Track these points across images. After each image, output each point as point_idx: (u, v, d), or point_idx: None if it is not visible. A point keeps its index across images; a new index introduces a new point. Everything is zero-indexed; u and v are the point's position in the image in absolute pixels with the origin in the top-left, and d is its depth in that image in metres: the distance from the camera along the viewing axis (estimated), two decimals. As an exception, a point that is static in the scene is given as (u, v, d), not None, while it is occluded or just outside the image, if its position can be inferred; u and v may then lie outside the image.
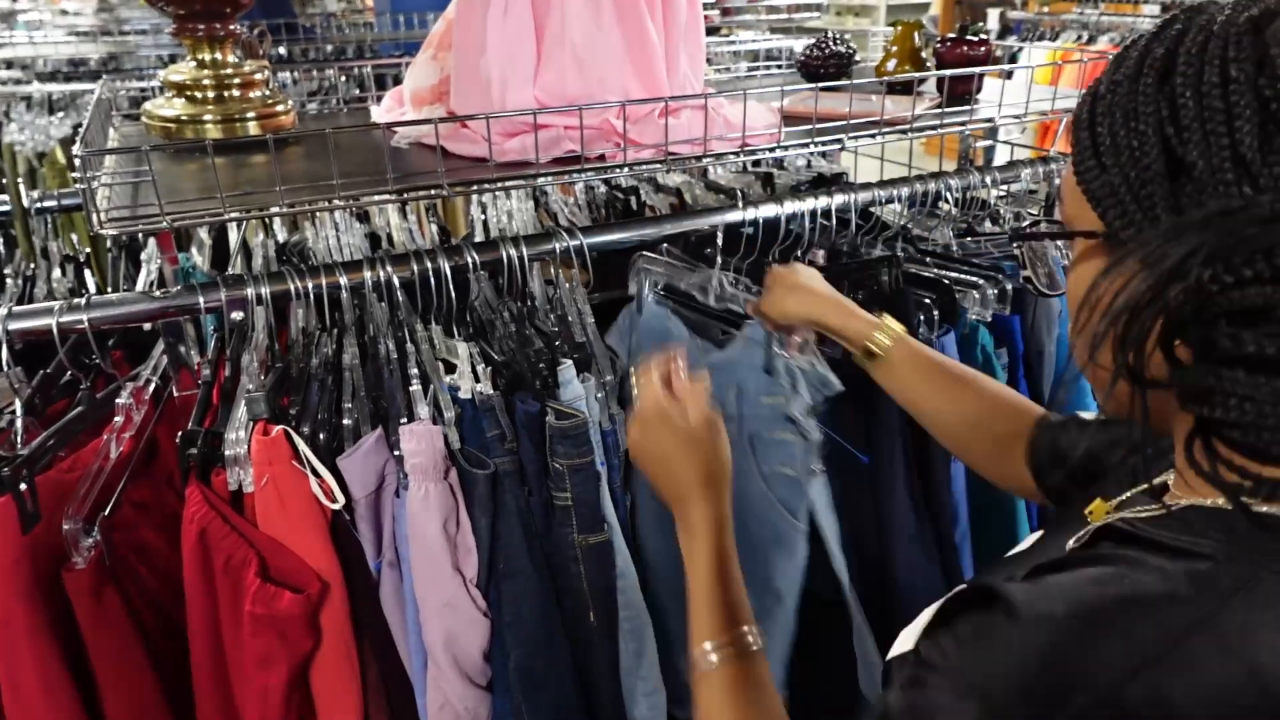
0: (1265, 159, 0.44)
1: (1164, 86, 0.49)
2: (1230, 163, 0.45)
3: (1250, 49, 0.46)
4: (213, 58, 1.19)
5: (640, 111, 1.15)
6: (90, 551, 0.87)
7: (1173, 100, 0.48)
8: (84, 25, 3.28)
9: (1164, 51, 0.49)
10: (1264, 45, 0.45)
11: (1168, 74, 0.49)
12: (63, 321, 0.91)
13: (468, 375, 1.00)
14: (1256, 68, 0.45)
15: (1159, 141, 0.48)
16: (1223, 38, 0.47)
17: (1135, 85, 0.50)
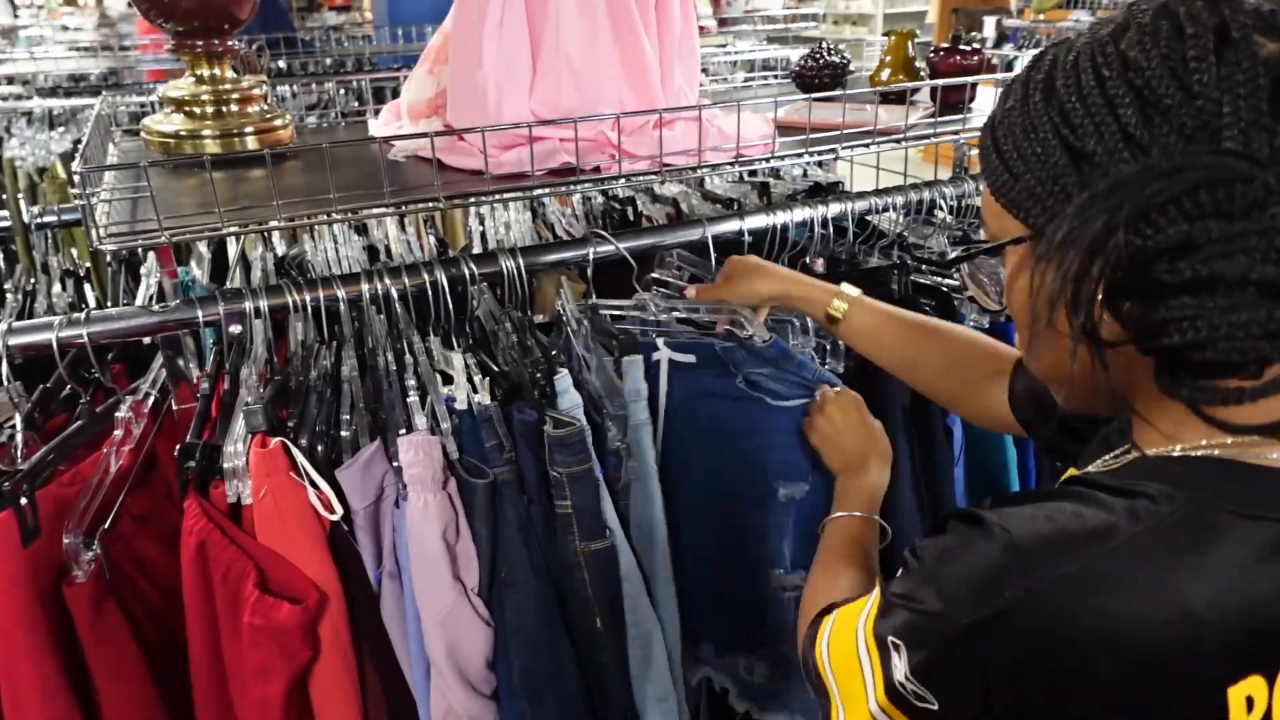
0: (1150, 133, 0.52)
1: (1050, 99, 0.57)
2: (1122, 142, 0.52)
3: (1114, 54, 0.54)
4: (211, 73, 1.20)
5: (635, 123, 1.16)
6: (90, 565, 0.87)
7: (1061, 107, 0.56)
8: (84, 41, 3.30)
9: (1043, 75, 0.58)
10: (1123, 50, 0.54)
11: (1050, 88, 0.57)
12: (62, 336, 0.92)
13: (464, 386, 1.01)
14: (1123, 65, 0.53)
15: (1059, 142, 0.55)
16: (1088, 52, 0.55)
17: (1025, 105, 0.58)
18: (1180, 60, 0.51)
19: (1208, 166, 0.49)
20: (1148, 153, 0.51)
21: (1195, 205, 0.49)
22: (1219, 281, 0.49)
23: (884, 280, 1.26)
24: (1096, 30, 0.57)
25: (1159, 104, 0.51)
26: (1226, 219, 0.48)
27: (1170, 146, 0.51)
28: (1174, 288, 0.50)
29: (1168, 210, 0.49)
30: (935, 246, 1.42)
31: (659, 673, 1.09)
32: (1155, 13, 0.54)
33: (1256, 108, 0.49)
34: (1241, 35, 0.50)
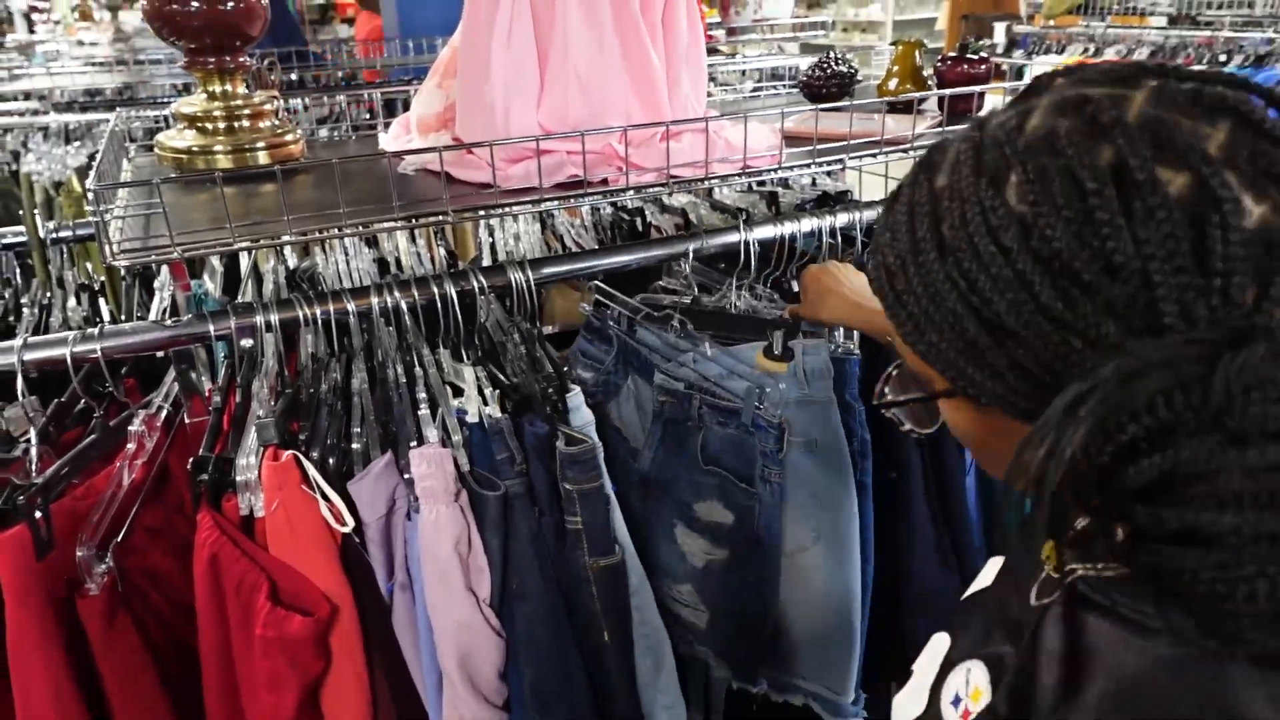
0: (1075, 313, 0.45)
1: (946, 258, 0.49)
2: (1047, 323, 0.46)
3: (1007, 215, 0.46)
4: (223, 89, 1.21)
5: (642, 135, 1.16)
6: (103, 577, 0.88)
7: (963, 273, 0.48)
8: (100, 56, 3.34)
9: (927, 225, 0.50)
10: (1014, 206, 0.46)
11: (943, 246, 0.49)
12: (76, 351, 0.93)
13: (475, 398, 1.02)
14: (1023, 231, 0.46)
15: (970, 313, 0.48)
16: (976, 205, 0.47)
17: (917, 259, 0.51)
18: (1087, 225, 0.44)
19: (1160, 366, 0.41)
20: (1078, 332, 0.45)
21: (1158, 423, 0.40)
22: (1211, 537, 0.40)
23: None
24: (968, 159, 0.49)
25: (1078, 280, 0.44)
26: (1197, 447, 0.40)
27: (1104, 331, 0.44)
28: (1163, 537, 0.42)
29: (1125, 430, 0.41)
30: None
31: (668, 681, 1.09)
32: (1036, 150, 0.46)
33: (1183, 267, 0.42)
34: (1145, 175, 0.43)
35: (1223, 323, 0.42)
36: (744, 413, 1.10)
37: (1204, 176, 0.43)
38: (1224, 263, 0.42)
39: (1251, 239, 0.42)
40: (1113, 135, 0.44)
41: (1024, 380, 0.49)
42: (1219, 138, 0.44)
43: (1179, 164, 0.43)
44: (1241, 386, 0.39)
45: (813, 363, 1.09)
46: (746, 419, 1.10)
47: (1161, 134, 0.44)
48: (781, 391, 1.09)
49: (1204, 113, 0.45)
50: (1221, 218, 0.42)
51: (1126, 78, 0.47)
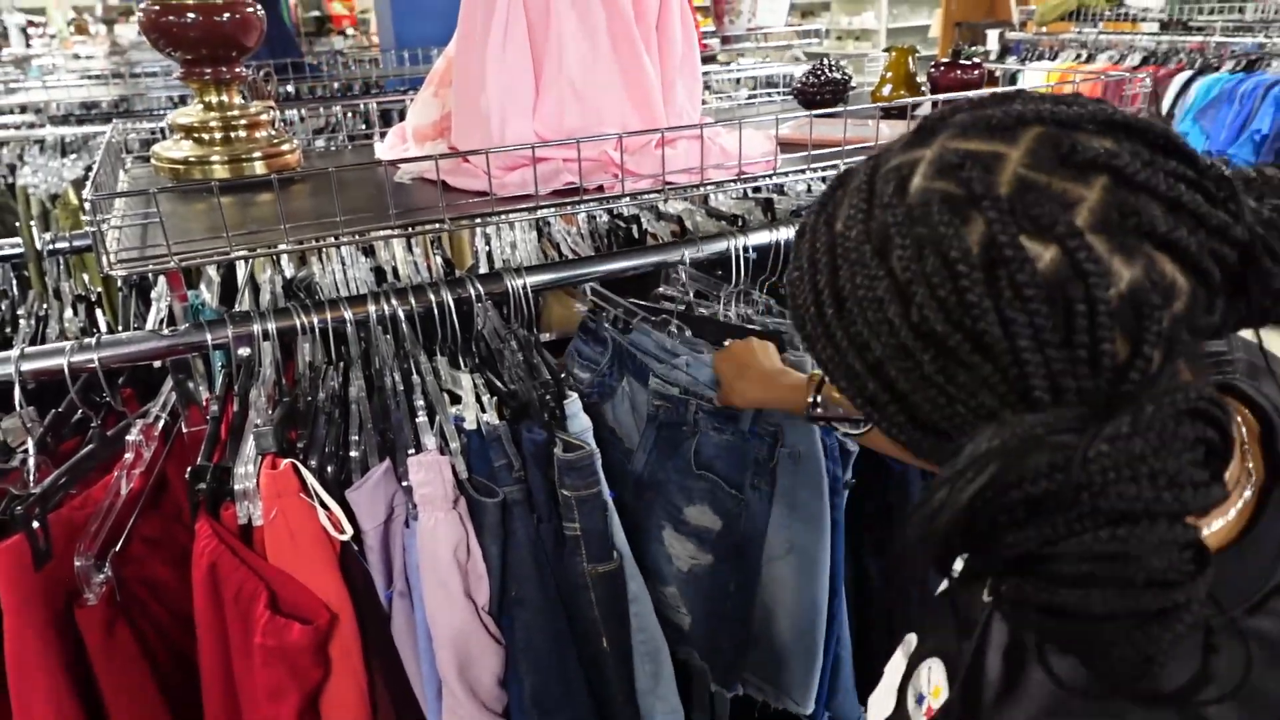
0: (954, 384, 0.46)
1: (843, 318, 0.50)
2: (932, 389, 0.47)
3: (888, 285, 0.47)
4: (219, 100, 1.22)
5: (637, 142, 1.17)
6: (101, 587, 0.88)
7: (856, 336, 0.50)
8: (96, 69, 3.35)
9: (825, 281, 0.51)
10: (895, 273, 0.47)
11: (840, 305, 0.50)
12: (74, 361, 0.93)
13: (472, 405, 1.02)
14: (903, 303, 0.47)
15: (867, 371, 0.50)
16: (863, 270, 0.48)
17: (821, 313, 0.52)
18: (958, 305, 0.45)
19: (1015, 453, 0.41)
20: (961, 401, 0.47)
21: (1032, 498, 0.41)
22: (1068, 612, 0.41)
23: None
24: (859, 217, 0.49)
25: (953, 355, 0.46)
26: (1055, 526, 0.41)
27: (982, 400, 0.46)
28: (1035, 608, 0.43)
29: (1002, 507, 0.42)
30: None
31: (667, 688, 1.09)
32: (914, 220, 0.47)
33: (1049, 342, 0.43)
34: (1013, 252, 0.43)
35: (1091, 393, 0.43)
36: (743, 419, 1.11)
37: (1070, 249, 0.43)
38: (1090, 335, 0.43)
39: (1120, 305, 0.43)
40: (984, 207, 0.45)
41: (919, 431, 0.50)
42: (1091, 199, 0.45)
43: (1046, 237, 0.44)
44: (1099, 466, 0.40)
45: None
46: (745, 425, 1.11)
47: (1030, 204, 0.44)
48: None
49: (1077, 172, 0.45)
50: (1087, 292, 0.43)
51: (1005, 129, 0.47)
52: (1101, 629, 0.41)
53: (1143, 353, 0.43)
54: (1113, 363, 0.43)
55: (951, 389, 0.47)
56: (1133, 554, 0.39)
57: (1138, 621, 0.40)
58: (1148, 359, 0.43)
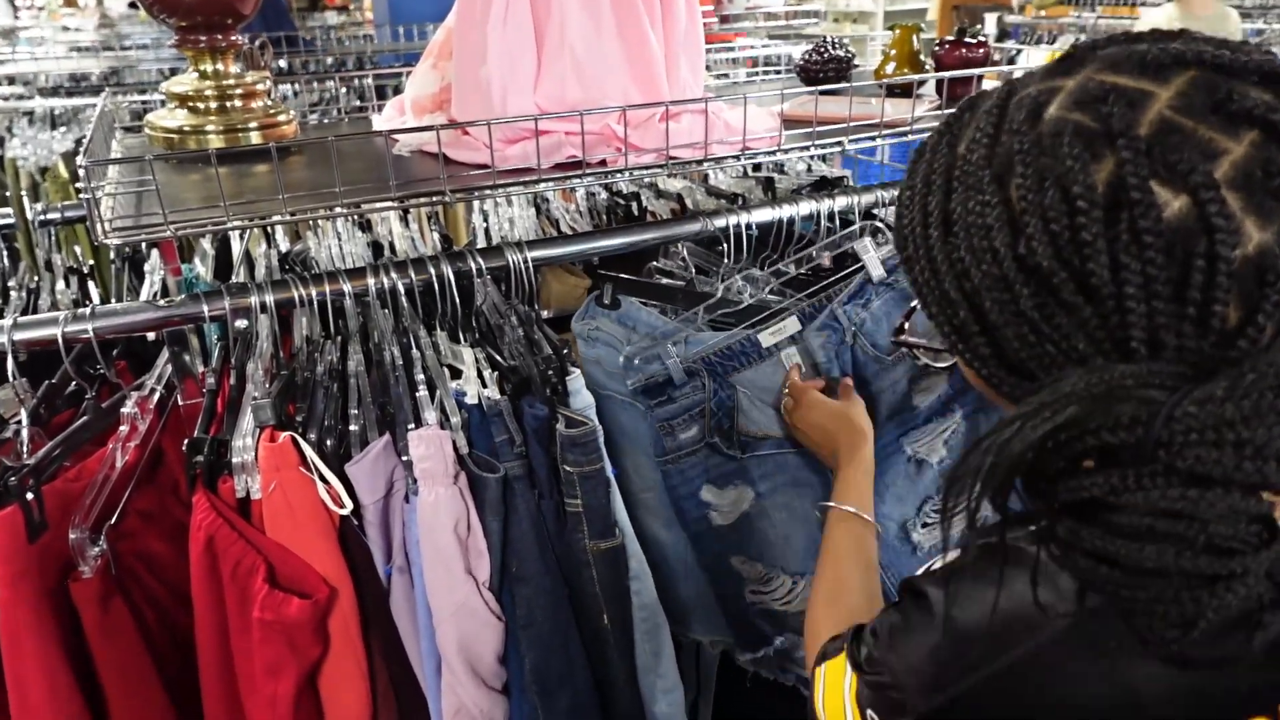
0: (1050, 324, 0.45)
1: (947, 242, 0.50)
2: (1025, 326, 0.46)
3: (1001, 211, 0.46)
4: (214, 69, 1.20)
5: (641, 116, 1.15)
6: (97, 561, 0.87)
7: (959, 261, 0.49)
8: (85, 41, 3.30)
9: (937, 200, 0.51)
10: (1013, 203, 0.46)
11: (947, 227, 0.50)
12: (67, 331, 0.91)
13: (473, 380, 1.01)
14: (1013, 234, 0.46)
15: (962, 299, 0.50)
16: (978, 194, 0.48)
17: (926, 233, 0.51)
18: (1071, 243, 0.43)
19: (1115, 392, 0.40)
20: (1053, 341, 0.46)
21: (1099, 450, 0.41)
22: (1121, 563, 0.41)
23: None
24: (985, 140, 0.48)
25: (1055, 294, 0.45)
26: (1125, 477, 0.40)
27: (1075, 344, 0.45)
28: (1080, 550, 0.43)
29: (1072, 453, 0.42)
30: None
31: (667, 666, 1.09)
32: (1041, 149, 0.45)
33: (1159, 294, 0.42)
34: (1140, 196, 0.42)
35: (1192, 353, 0.42)
36: (869, 266, 1.15)
37: (1202, 200, 0.41)
38: (1204, 293, 0.42)
39: (1243, 268, 0.42)
40: (1118, 146, 0.43)
41: (1002, 368, 0.50)
42: (1236, 152, 0.43)
43: (1179, 184, 0.42)
44: (1184, 426, 0.39)
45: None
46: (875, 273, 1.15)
47: (1169, 148, 0.43)
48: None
49: (1227, 121, 0.43)
50: (1211, 247, 0.41)
51: (1159, 67, 0.45)
52: (1149, 584, 0.40)
53: (1256, 321, 0.42)
54: (1222, 325, 0.42)
55: (1046, 328, 0.46)
56: (1199, 517, 0.39)
57: (1188, 584, 0.39)
58: (1260, 328, 0.42)
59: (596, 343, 1.22)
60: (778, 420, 1.17)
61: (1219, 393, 0.39)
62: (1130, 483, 0.40)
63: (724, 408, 1.16)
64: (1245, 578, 0.39)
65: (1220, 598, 0.39)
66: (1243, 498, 0.39)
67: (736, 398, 1.16)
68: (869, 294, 1.16)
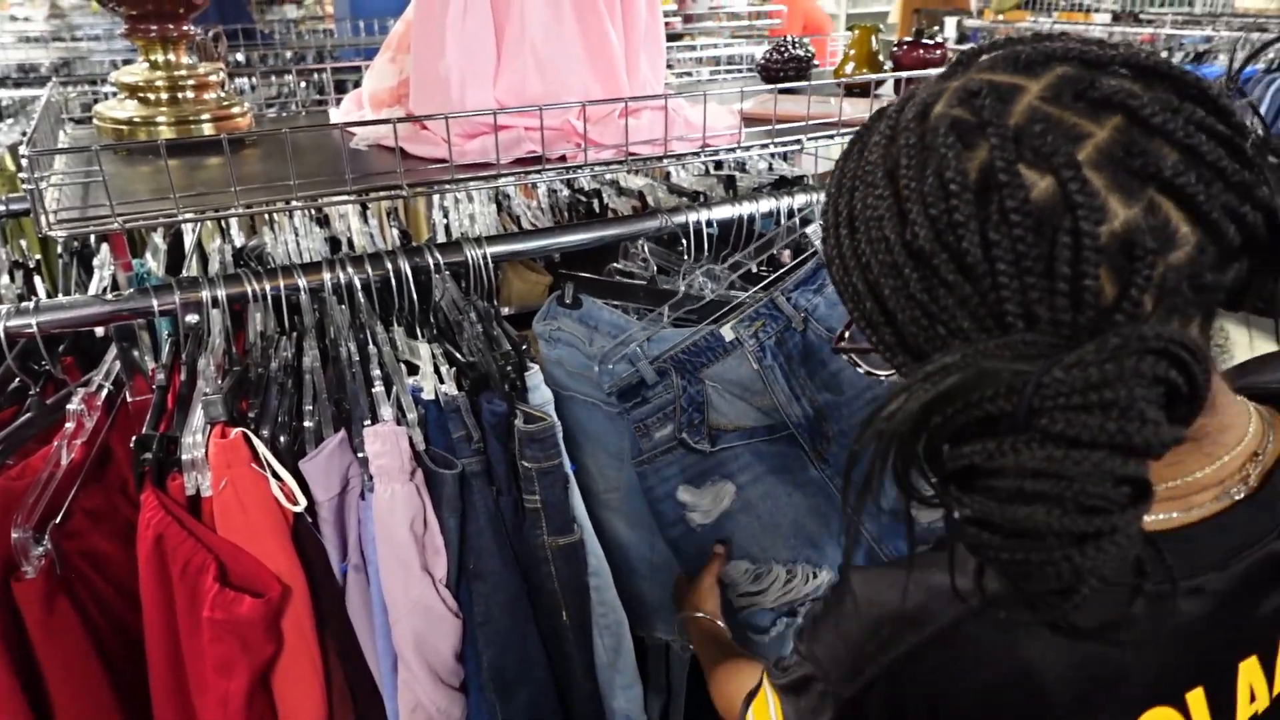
0: (937, 305, 0.48)
1: (853, 238, 0.52)
2: (917, 309, 0.49)
3: (890, 204, 0.49)
4: (166, 59, 1.17)
5: (601, 112, 1.15)
6: (40, 560, 0.85)
7: (859, 254, 0.52)
8: (34, 31, 3.21)
9: (845, 203, 0.53)
10: (901, 194, 0.49)
11: (852, 226, 0.53)
12: (10, 325, 0.89)
13: (430, 376, 1.00)
14: (900, 222, 0.48)
15: (866, 291, 0.52)
16: (873, 189, 0.51)
17: (837, 233, 0.54)
18: (947, 226, 0.46)
19: (991, 363, 0.42)
20: (942, 322, 0.48)
21: (979, 420, 0.43)
22: (1001, 526, 0.42)
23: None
24: (883, 142, 0.51)
25: (938, 275, 0.47)
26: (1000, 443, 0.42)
27: (960, 324, 0.47)
28: (969, 520, 0.44)
29: (954, 424, 0.43)
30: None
31: (626, 662, 1.09)
32: (923, 144, 0.48)
33: (1030, 269, 0.44)
34: (1008, 179, 0.44)
35: (1068, 326, 0.44)
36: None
37: (1064, 180, 0.44)
38: (1072, 267, 0.43)
39: (1110, 243, 0.44)
40: (989, 134, 0.46)
41: (907, 354, 0.52)
42: (1100, 136, 0.45)
43: (1044, 166, 0.45)
44: (1053, 391, 0.41)
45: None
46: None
47: (1035, 135, 0.45)
48: None
49: (1091, 108, 0.46)
50: (1074, 223, 0.43)
51: (1031, 64, 0.49)
52: (1026, 547, 0.41)
53: (1130, 295, 0.43)
54: (1095, 300, 0.44)
55: (934, 308, 0.48)
56: (1066, 475, 0.40)
57: (1061, 543, 0.41)
58: (1136, 302, 0.43)
59: (558, 343, 1.21)
60: (748, 411, 1.17)
61: (1086, 358, 0.41)
62: (1005, 447, 0.41)
63: (694, 403, 1.16)
64: (1114, 535, 0.40)
65: (1092, 557, 0.40)
66: (1109, 457, 0.40)
67: (705, 392, 1.16)
68: (821, 277, 1.18)
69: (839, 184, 0.55)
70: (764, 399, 1.17)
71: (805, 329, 1.18)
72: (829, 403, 1.17)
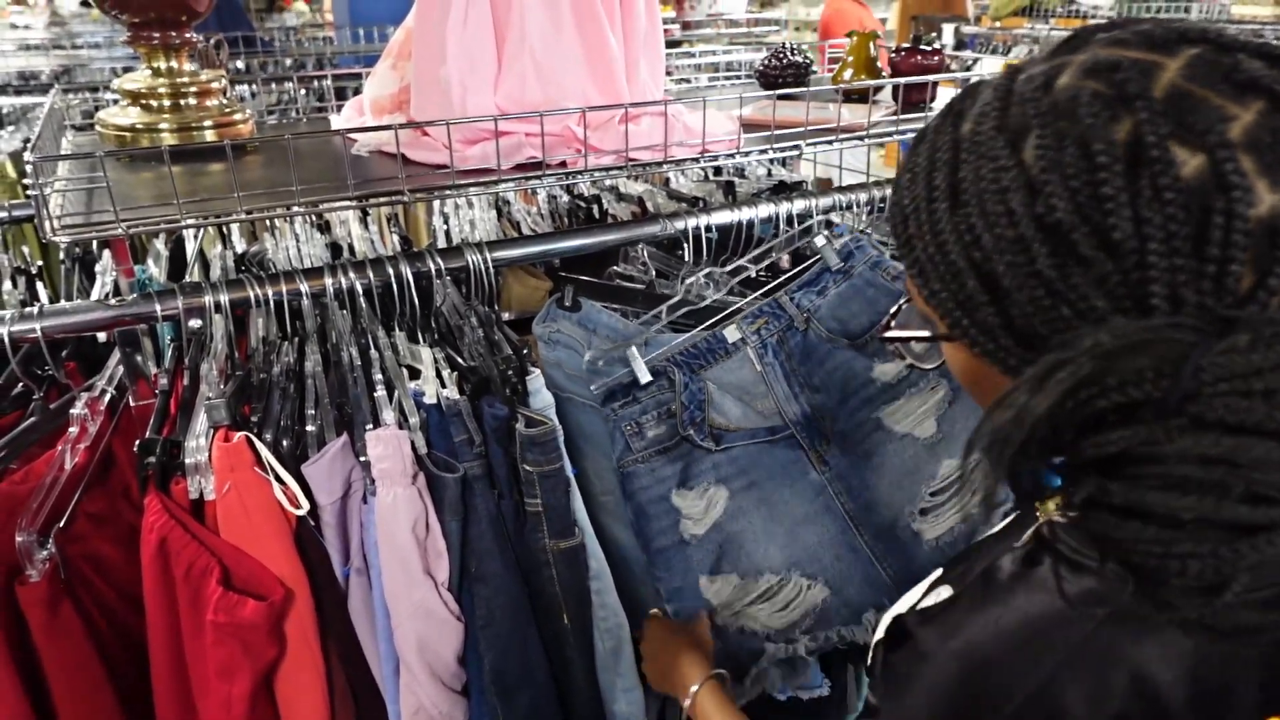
0: (1067, 283, 0.46)
1: (956, 212, 0.50)
2: (1040, 288, 0.47)
3: (1018, 174, 0.47)
4: (168, 66, 1.18)
5: (601, 118, 1.16)
6: (45, 564, 0.85)
7: (970, 229, 0.49)
8: (35, 39, 3.22)
9: (944, 174, 0.51)
10: (1027, 165, 0.47)
11: (955, 197, 0.50)
12: (14, 331, 0.89)
13: (432, 380, 1.00)
14: (1029, 193, 0.46)
15: (970, 268, 0.50)
16: (991, 158, 0.48)
17: (930, 209, 0.52)
18: (1092, 198, 0.44)
19: (1138, 346, 0.41)
20: (1068, 301, 0.46)
21: (1122, 405, 0.41)
22: (1154, 515, 0.41)
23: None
24: (994, 112, 0.49)
25: (1074, 252, 0.45)
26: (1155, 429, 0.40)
27: (1093, 304, 0.45)
28: (1106, 507, 0.43)
29: (1095, 408, 0.42)
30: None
31: (627, 665, 1.09)
32: (1057, 113, 0.46)
33: (1180, 250, 0.43)
34: (1159, 153, 0.43)
35: (1210, 310, 0.43)
36: (826, 256, 1.19)
37: (1219, 160, 0.43)
38: (1222, 250, 0.43)
39: (1257, 228, 0.43)
40: (1135, 107, 0.44)
41: (1013, 338, 0.50)
42: (1245, 119, 0.44)
43: (1196, 144, 0.43)
44: (1212, 376, 0.39)
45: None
46: (832, 262, 1.18)
47: (1185, 111, 0.44)
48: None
49: (1235, 90, 0.45)
50: (1228, 204, 0.42)
51: (1165, 43, 0.47)
52: (1184, 539, 0.40)
53: (1268, 284, 0.43)
54: (1236, 286, 0.43)
55: (1061, 286, 0.46)
56: (1239, 463, 0.39)
57: (1225, 535, 0.39)
58: (1272, 291, 0.43)
59: (557, 345, 1.22)
60: (748, 414, 1.17)
61: (1243, 344, 0.39)
62: (1164, 433, 0.40)
63: (695, 400, 1.16)
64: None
65: (1260, 550, 0.39)
66: (1277, 445, 0.39)
67: (707, 390, 1.17)
68: (825, 281, 1.19)
69: (931, 158, 0.52)
70: (764, 402, 1.17)
71: (807, 329, 1.18)
72: (825, 404, 1.18)
